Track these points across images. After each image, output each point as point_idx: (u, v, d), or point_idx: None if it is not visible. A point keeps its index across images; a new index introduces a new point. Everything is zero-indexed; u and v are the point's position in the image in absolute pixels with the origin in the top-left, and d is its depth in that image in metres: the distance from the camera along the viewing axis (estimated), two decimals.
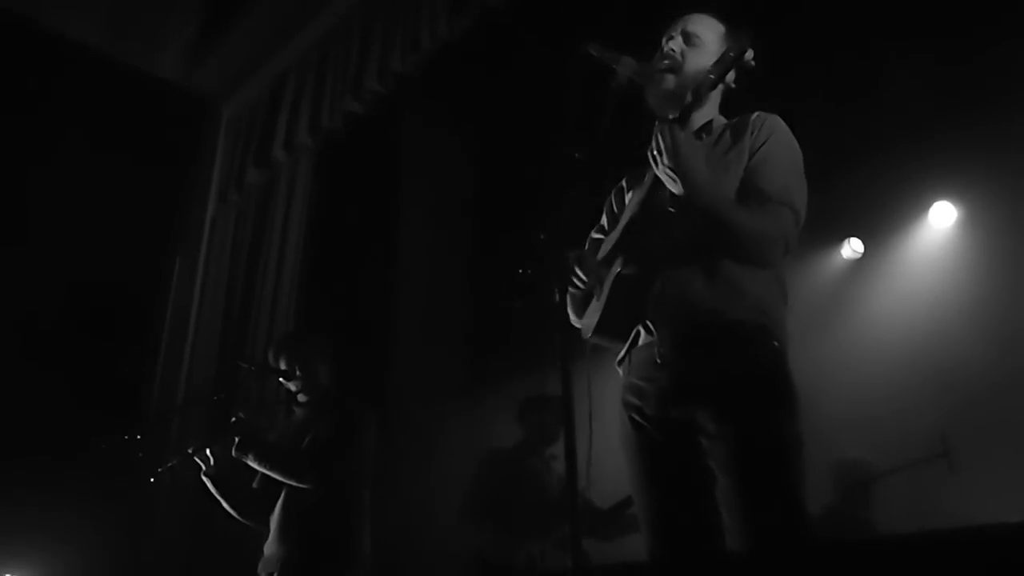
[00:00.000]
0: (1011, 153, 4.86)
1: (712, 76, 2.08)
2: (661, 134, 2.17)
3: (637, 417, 2.30)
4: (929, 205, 5.56)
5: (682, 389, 2.21)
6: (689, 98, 2.30)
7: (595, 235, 2.64)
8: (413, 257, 6.00)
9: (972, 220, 5.36)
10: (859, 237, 5.91)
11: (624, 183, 2.66)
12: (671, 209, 2.26)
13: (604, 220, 2.67)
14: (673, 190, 2.20)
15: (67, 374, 5.00)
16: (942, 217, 5.53)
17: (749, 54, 2.00)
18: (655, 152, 2.20)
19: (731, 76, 2.03)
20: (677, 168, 2.15)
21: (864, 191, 5.28)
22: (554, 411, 4.67)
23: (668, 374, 2.24)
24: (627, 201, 2.57)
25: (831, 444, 2.13)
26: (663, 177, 2.21)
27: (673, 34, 2.43)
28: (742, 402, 2.14)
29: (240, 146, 6.10)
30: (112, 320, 5.28)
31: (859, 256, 5.92)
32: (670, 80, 2.37)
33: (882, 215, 5.70)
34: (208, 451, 3.64)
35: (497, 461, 4.80)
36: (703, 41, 2.41)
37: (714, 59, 2.37)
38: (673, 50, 2.40)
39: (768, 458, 2.10)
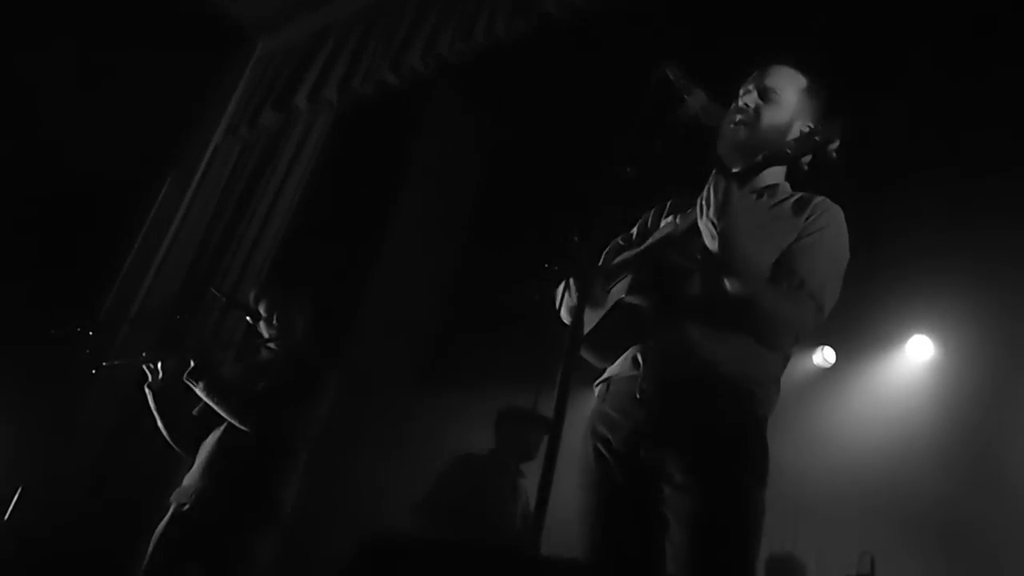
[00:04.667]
0: (999, 306, 4.92)
1: (789, 151, 2.05)
2: (715, 186, 2.13)
3: (602, 448, 2.25)
4: (909, 334, 5.61)
5: (657, 431, 2.18)
6: (759, 159, 2.27)
7: (620, 240, 2.58)
8: (406, 235, 5.94)
9: (947, 361, 5.41)
10: (833, 347, 5.95)
11: (669, 204, 2.58)
12: (699, 257, 2.23)
13: (634, 231, 2.60)
14: (709, 245, 2.15)
15: (32, 261, 4.85)
16: (919, 350, 5.58)
17: (834, 144, 1.96)
18: (703, 202, 2.16)
19: (807, 158, 2.00)
20: (719, 225, 2.11)
21: (846, 304, 5.30)
22: (531, 426, 4.60)
23: (646, 412, 2.20)
24: (662, 223, 2.51)
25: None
26: (703, 228, 2.16)
27: (750, 88, 2.40)
28: (715, 460, 2.11)
29: (264, 85, 5.99)
30: (92, 214, 5.13)
31: (829, 366, 5.96)
32: (742, 132, 2.33)
33: (860, 333, 5.74)
34: (160, 364, 3.54)
35: (466, 465, 4.73)
36: (780, 97, 2.37)
37: (791, 115, 2.36)
38: (747, 105, 2.37)
39: (729, 520, 2.08)
